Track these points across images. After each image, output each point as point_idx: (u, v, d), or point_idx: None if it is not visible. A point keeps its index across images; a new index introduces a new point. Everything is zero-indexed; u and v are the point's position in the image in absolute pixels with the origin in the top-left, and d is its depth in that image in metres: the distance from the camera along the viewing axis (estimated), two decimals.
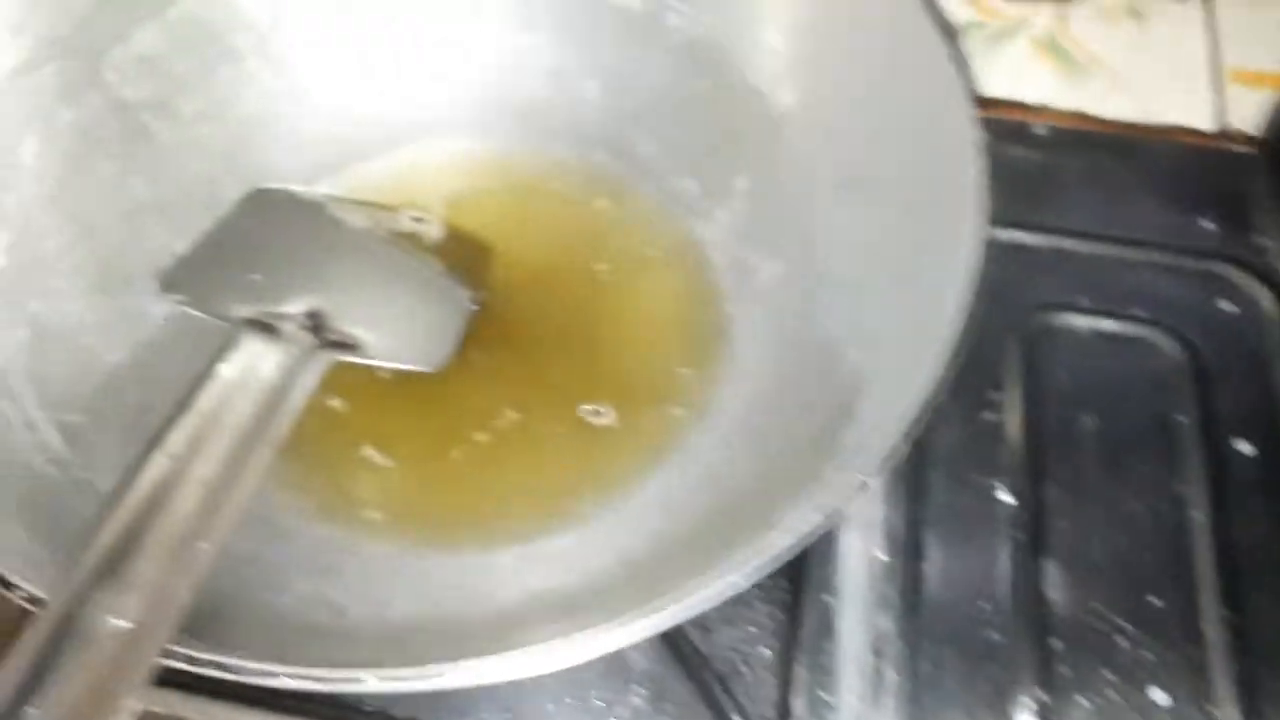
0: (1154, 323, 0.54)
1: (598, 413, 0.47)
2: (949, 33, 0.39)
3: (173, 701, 0.42)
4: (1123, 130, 0.62)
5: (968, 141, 0.38)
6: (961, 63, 0.39)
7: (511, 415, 0.46)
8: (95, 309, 0.44)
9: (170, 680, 0.42)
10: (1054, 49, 0.64)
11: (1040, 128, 0.62)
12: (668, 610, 0.30)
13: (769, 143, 0.48)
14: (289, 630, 0.35)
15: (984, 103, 0.46)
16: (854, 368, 0.39)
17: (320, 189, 0.52)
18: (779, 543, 0.31)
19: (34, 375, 0.40)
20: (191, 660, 0.29)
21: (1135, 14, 0.65)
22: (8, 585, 0.30)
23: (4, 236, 0.42)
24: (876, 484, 0.47)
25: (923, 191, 0.40)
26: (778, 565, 0.31)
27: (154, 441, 0.35)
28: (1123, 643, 0.45)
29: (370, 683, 0.29)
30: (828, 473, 0.34)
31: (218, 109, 0.50)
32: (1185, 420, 0.51)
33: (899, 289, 0.40)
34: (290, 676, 0.29)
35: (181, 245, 0.48)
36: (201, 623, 0.31)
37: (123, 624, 0.29)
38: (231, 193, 0.50)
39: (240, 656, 0.29)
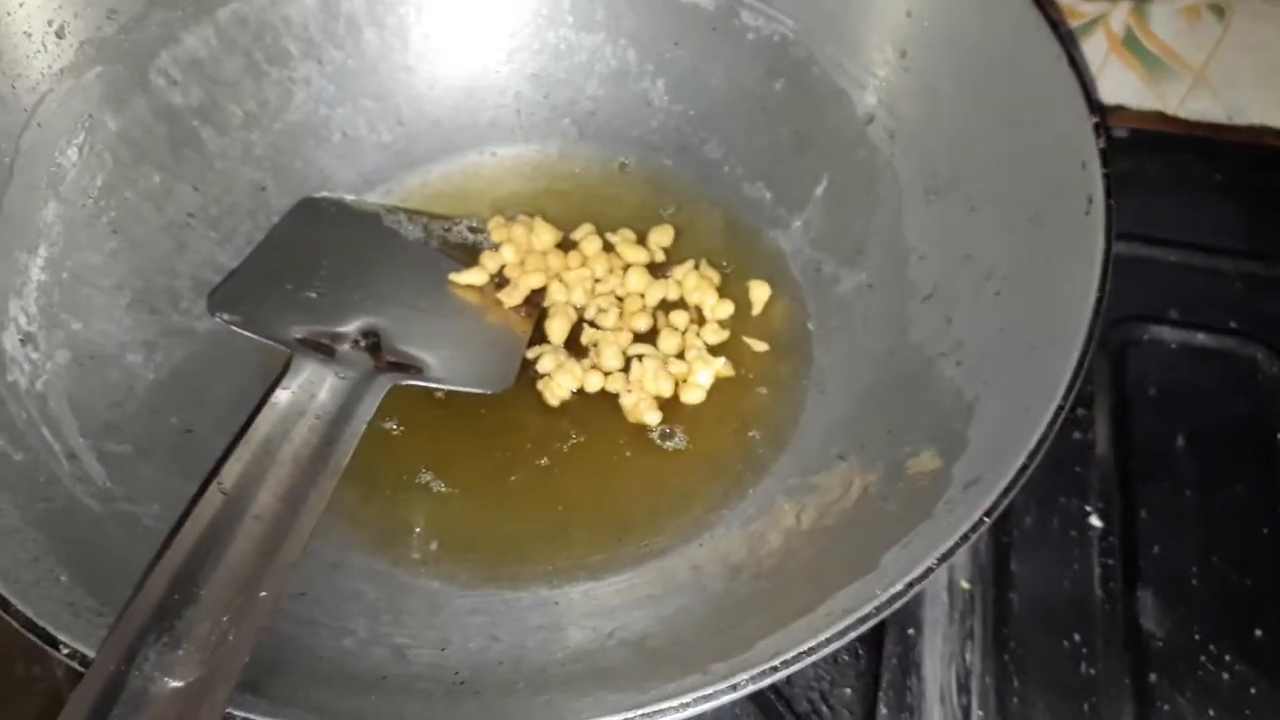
0: (1249, 336, 0.51)
1: (669, 435, 0.44)
2: (1062, 31, 0.37)
3: None
4: (1206, 132, 0.60)
5: (1089, 151, 0.35)
6: (1077, 64, 0.36)
7: (576, 439, 0.44)
8: (138, 328, 0.42)
9: None
10: (1133, 47, 0.60)
11: (1119, 131, 0.59)
12: (773, 666, 0.28)
13: (849, 146, 0.45)
14: (352, 678, 0.33)
15: None
16: (955, 389, 0.36)
17: (372, 198, 0.50)
18: (891, 591, 0.29)
19: (75, 401, 0.38)
20: None
21: (1218, 10, 0.62)
22: (54, 643, 0.28)
23: (43, 250, 0.40)
24: None
25: (1031, 202, 0.37)
26: (889, 614, 0.29)
27: (209, 477, 0.32)
28: (1226, 677, 0.42)
29: None
30: (938, 509, 0.32)
31: (267, 114, 0.48)
32: None
33: (1005, 304, 0.37)
34: None
35: (228, 258, 0.46)
36: (261, 675, 0.29)
37: (178, 684, 0.27)
38: (281, 202, 0.48)
39: (302, 712, 0.27)
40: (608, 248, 0.48)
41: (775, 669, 0.27)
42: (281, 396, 0.36)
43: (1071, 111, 0.37)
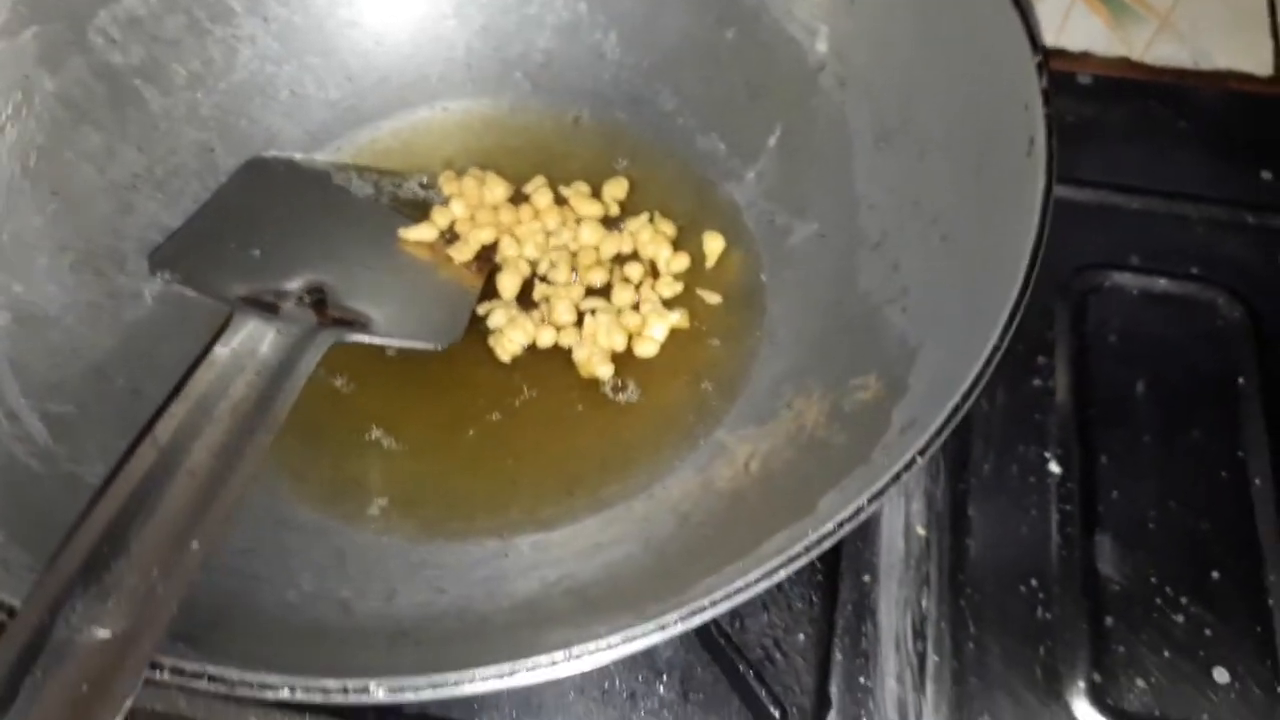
0: (1210, 281, 0.51)
1: (621, 388, 0.44)
2: None
3: (172, 699, 0.40)
4: (1172, 78, 0.59)
5: (1031, 91, 0.35)
6: (1020, 3, 0.36)
7: (528, 394, 0.44)
8: (82, 289, 0.42)
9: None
10: None
11: (1084, 76, 0.59)
12: (701, 605, 0.28)
13: (802, 95, 0.45)
14: (293, 632, 0.33)
15: None
16: (899, 334, 0.36)
17: (321, 156, 0.49)
18: (821, 531, 0.29)
19: (16, 362, 0.38)
20: (181, 673, 0.27)
21: None
22: None
23: None
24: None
25: (977, 145, 0.37)
26: (819, 554, 0.29)
27: (142, 432, 0.32)
28: (1181, 620, 0.43)
29: (379, 694, 0.26)
30: (875, 454, 0.32)
31: (211, 73, 0.47)
32: (1245, 384, 0.48)
33: (950, 249, 0.37)
34: (293, 689, 0.26)
35: (174, 220, 0.45)
36: (196, 627, 0.29)
37: (105, 634, 0.27)
38: (228, 162, 0.47)
39: (238, 666, 0.27)
40: (560, 201, 0.48)
41: (704, 608, 0.27)
42: (220, 352, 0.36)
43: (1014, 52, 0.36)
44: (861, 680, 0.41)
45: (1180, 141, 0.57)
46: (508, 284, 0.46)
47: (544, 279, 0.47)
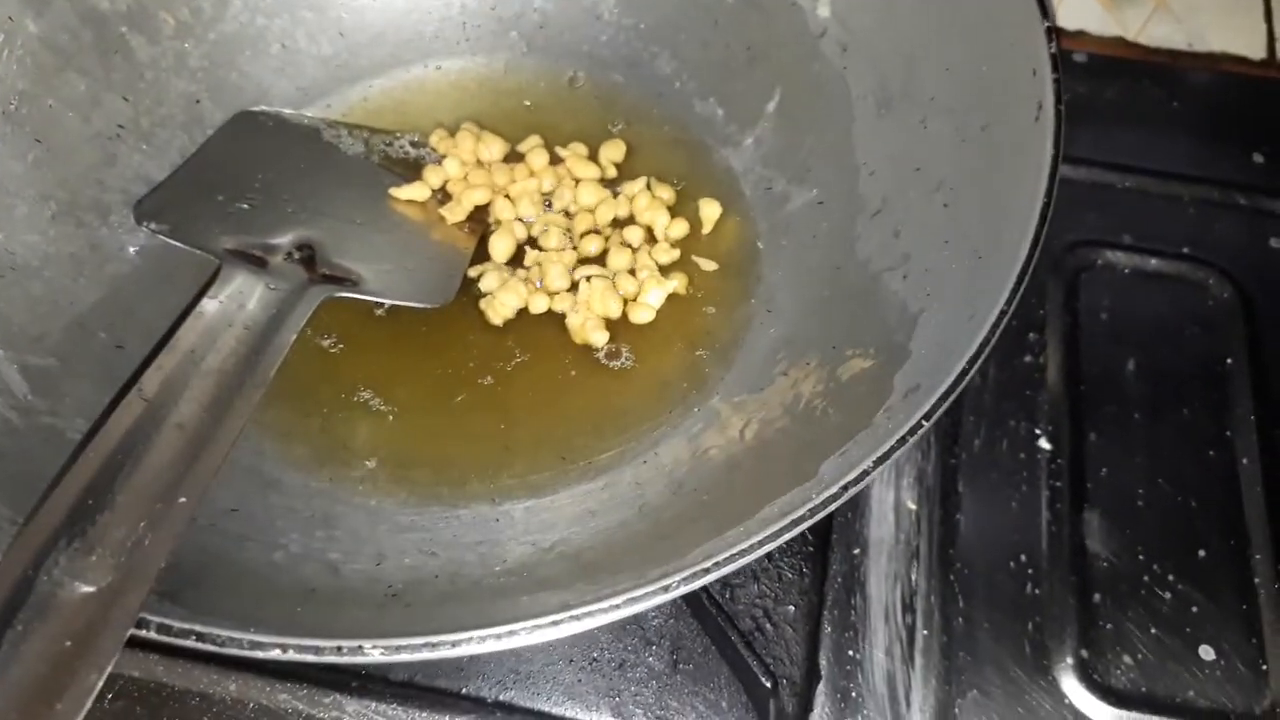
0: (1201, 261, 0.51)
1: (615, 354, 0.43)
2: None
3: (150, 666, 0.39)
4: (1166, 59, 0.59)
5: (1040, 57, 0.34)
6: None
7: (520, 358, 0.43)
8: (64, 240, 0.41)
9: (149, 643, 0.39)
10: None
11: (1079, 55, 0.59)
12: (704, 567, 0.27)
13: (802, 61, 0.44)
14: (280, 592, 0.32)
15: None
16: (900, 301, 0.36)
17: (311, 112, 0.48)
18: (826, 494, 0.28)
19: None
20: (168, 631, 0.26)
21: None
22: None
23: None
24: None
25: (982, 112, 0.37)
26: (824, 515, 0.28)
27: (128, 384, 0.31)
28: (1168, 597, 0.43)
29: (373, 654, 0.26)
30: (878, 418, 0.31)
31: (201, 23, 0.46)
32: (1234, 364, 0.48)
33: (952, 215, 0.36)
34: (284, 648, 0.26)
35: (160, 172, 0.44)
36: (182, 585, 0.28)
37: (88, 589, 0.26)
38: (216, 116, 0.46)
39: (226, 626, 0.26)
40: (555, 161, 0.47)
41: (707, 570, 0.27)
42: (208, 306, 0.35)
43: (1023, 17, 0.36)
44: (850, 652, 0.41)
45: (1173, 122, 0.57)
46: (500, 247, 0.45)
47: (537, 245, 0.46)
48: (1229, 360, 0.49)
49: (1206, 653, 0.42)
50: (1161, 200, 0.54)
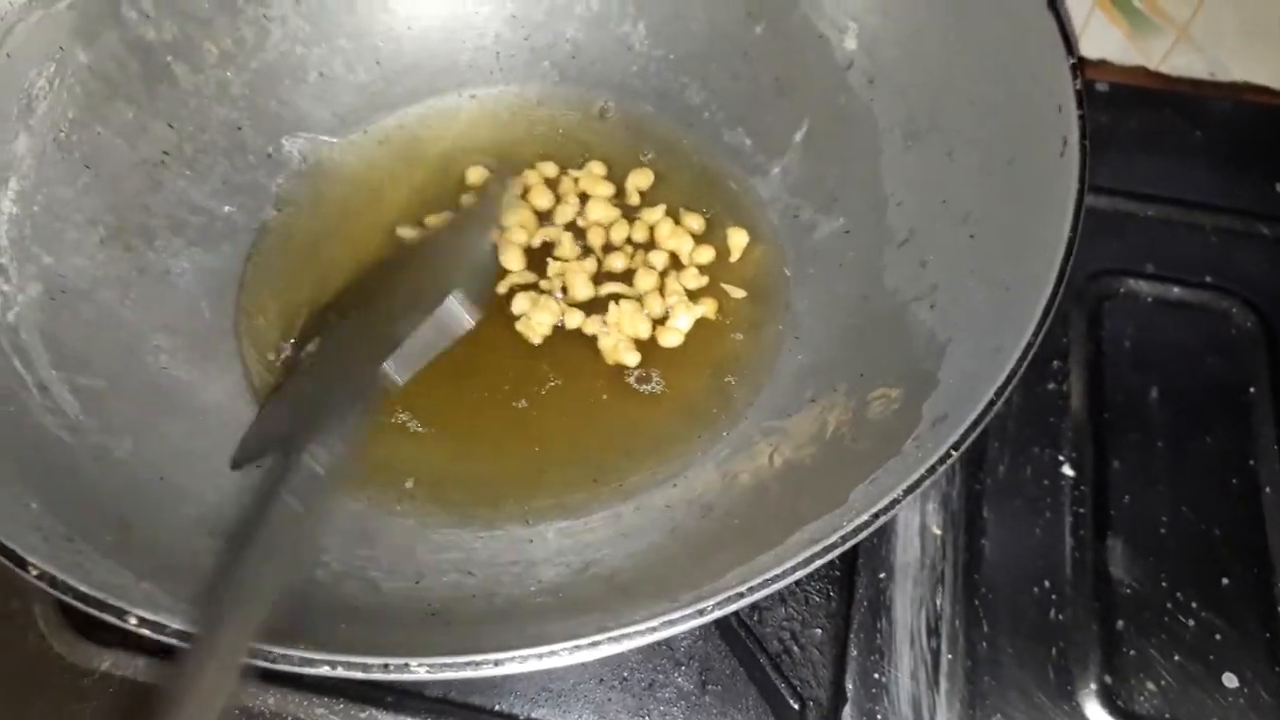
0: (1224, 290, 0.52)
1: (646, 379, 0.44)
2: None
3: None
4: (1189, 88, 0.60)
5: (1065, 92, 0.35)
6: (1056, 5, 0.36)
7: (554, 381, 0.44)
8: (112, 264, 0.42)
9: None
10: (1118, 2, 0.60)
11: (1101, 85, 0.59)
12: (739, 592, 0.28)
13: (830, 92, 0.45)
14: (323, 609, 0.33)
15: None
16: (928, 331, 0.36)
17: (350, 138, 0.49)
18: (857, 521, 0.29)
19: (47, 334, 0.38)
20: None
21: None
22: (24, 565, 0.28)
23: (14, 182, 0.40)
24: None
25: (1008, 145, 0.37)
26: (854, 543, 0.29)
27: None
28: (1192, 624, 0.43)
29: (419, 671, 0.27)
30: (906, 446, 0.32)
31: (243, 52, 0.47)
32: (1257, 392, 0.49)
33: (979, 247, 0.37)
34: (332, 665, 0.26)
35: (203, 197, 0.46)
36: None
37: None
38: (256, 142, 0.47)
39: (275, 643, 0.27)
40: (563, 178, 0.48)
41: (741, 595, 0.28)
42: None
43: (1049, 53, 0.37)
44: (876, 675, 0.42)
45: (1195, 151, 0.57)
46: (509, 258, 0.46)
47: (553, 255, 0.47)
48: (1252, 389, 0.49)
49: (1230, 680, 0.42)
50: (1184, 229, 0.54)
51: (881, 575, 0.44)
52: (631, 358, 0.44)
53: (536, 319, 0.44)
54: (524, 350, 0.45)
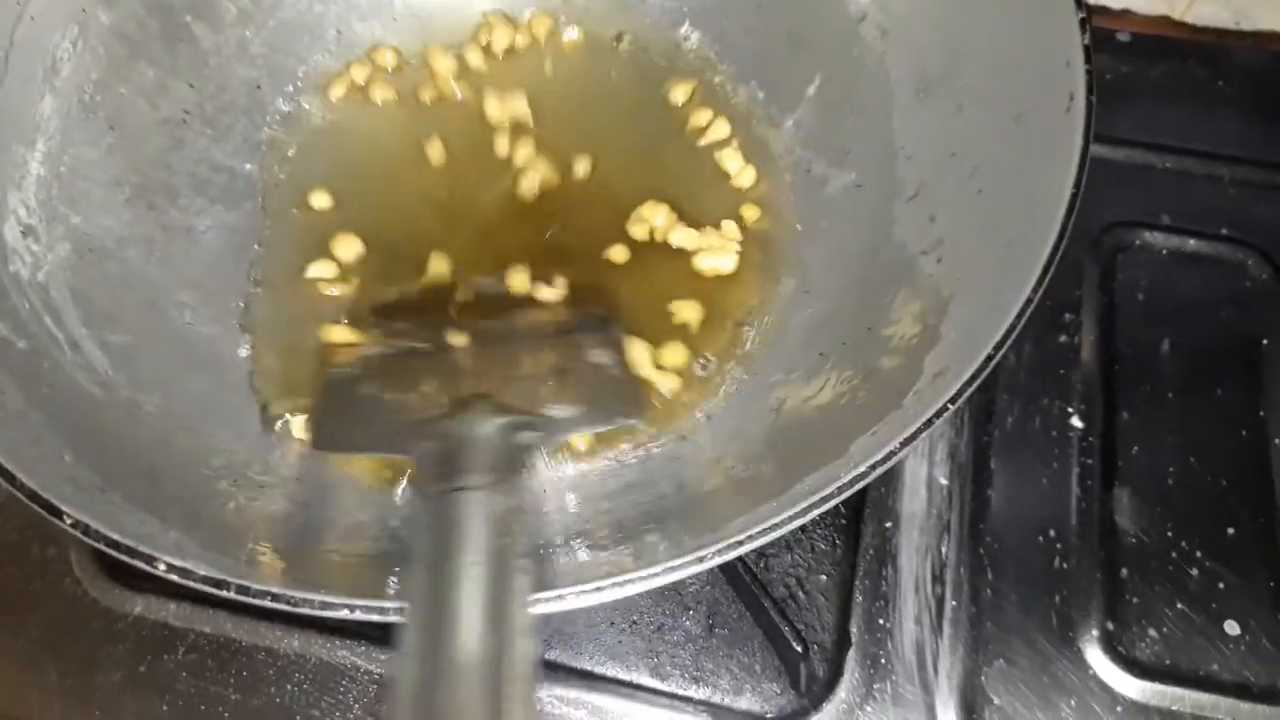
0: (1240, 242, 0.52)
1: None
2: None
3: (220, 622, 0.42)
4: (1212, 38, 0.59)
5: (1073, 47, 0.35)
6: None
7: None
8: (137, 223, 0.43)
9: (222, 602, 0.42)
10: None
11: (1123, 34, 0.59)
12: (738, 540, 0.29)
13: (843, 45, 0.45)
14: (349, 556, 0.34)
15: None
16: (934, 285, 0.37)
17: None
18: (854, 472, 0.30)
19: (77, 292, 0.39)
20: (246, 591, 0.28)
21: None
22: (59, 514, 0.29)
23: (40, 144, 0.41)
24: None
25: (1017, 99, 0.37)
26: (851, 494, 0.30)
27: None
28: (1195, 573, 0.44)
29: None
30: (907, 400, 0.33)
31: (260, 10, 0.48)
32: (1270, 344, 0.49)
33: (986, 201, 0.37)
34: (350, 608, 0.28)
35: (224, 156, 0.46)
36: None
37: None
38: (275, 100, 0.48)
39: (298, 587, 0.28)
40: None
41: (740, 543, 0.29)
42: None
43: (1058, 8, 0.36)
44: (881, 621, 0.43)
45: (1218, 102, 0.56)
46: None
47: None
48: (1265, 341, 0.49)
49: (1231, 628, 0.42)
50: (1202, 180, 0.54)
51: (888, 524, 0.45)
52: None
53: None
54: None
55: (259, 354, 0.43)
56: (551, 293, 0.43)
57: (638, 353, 0.42)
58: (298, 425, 0.40)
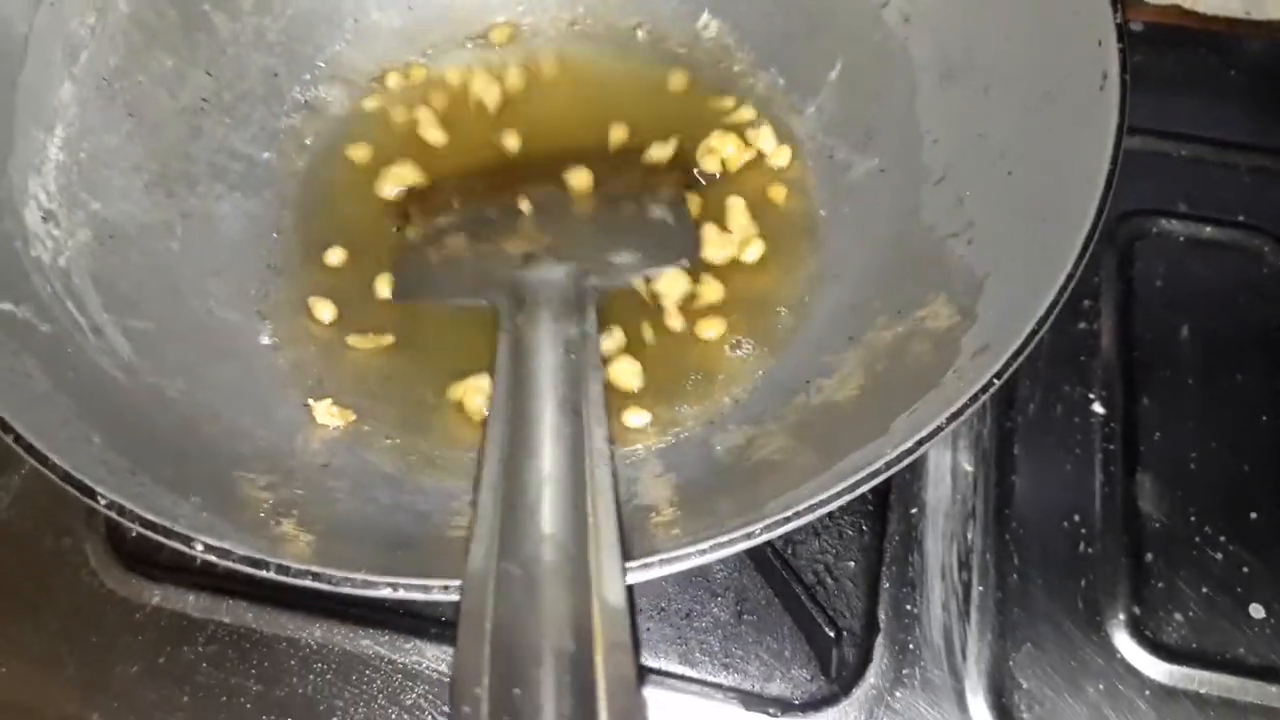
0: (1256, 229, 0.52)
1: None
2: None
3: (241, 613, 0.42)
4: (1224, 27, 0.59)
5: (1106, 26, 0.35)
6: None
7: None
8: (157, 209, 0.43)
9: (240, 592, 0.42)
10: None
11: (1135, 24, 0.59)
12: (785, 516, 0.29)
13: (864, 30, 0.45)
14: (377, 539, 0.34)
15: None
16: (966, 267, 0.37)
17: (388, 83, 0.49)
18: (902, 448, 0.29)
19: (98, 278, 0.39)
20: (286, 571, 0.28)
21: None
22: (93, 495, 0.29)
23: (60, 130, 0.40)
24: None
25: (1045, 81, 0.37)
26: (899, 469, 0.30)
27: None
28: (1219, 557, 0.44)
29: None
30: (946, 379, 0.32)
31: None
32: None
33: (1016, 183, 0.37)
34: (394, 587, 0.27)
35: (242, 143, 0.46)
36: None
37: None
38: (292, 88, 0.48)
39: (339, 568, 0.28)
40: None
41: (788, 519, 0.28)
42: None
43: None
44: (909, 607, 0.42)
45: (1230, 91, 0.57)
46: None
47: None
48: None
49: (1257, 611, 0.42)
50: (1217, 169, 0.54)
51: (913, 511, 0.45)
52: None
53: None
54: None
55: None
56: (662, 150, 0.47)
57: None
58: (321, 410, 0.40)
